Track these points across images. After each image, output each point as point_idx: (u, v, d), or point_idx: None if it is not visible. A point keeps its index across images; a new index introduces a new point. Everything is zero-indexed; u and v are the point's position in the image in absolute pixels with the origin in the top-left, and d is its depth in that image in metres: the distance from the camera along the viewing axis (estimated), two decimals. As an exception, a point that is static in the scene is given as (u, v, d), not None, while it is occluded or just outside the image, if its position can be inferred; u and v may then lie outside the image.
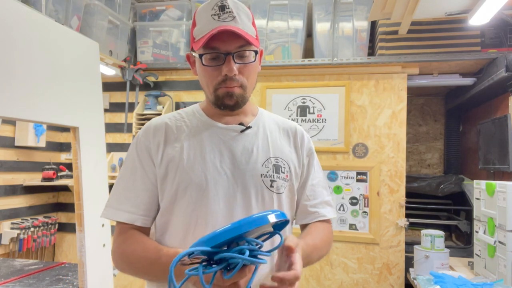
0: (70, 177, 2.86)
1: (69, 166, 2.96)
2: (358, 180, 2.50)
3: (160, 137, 0.96)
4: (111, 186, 0.99)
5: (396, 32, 2.41)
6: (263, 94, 2.66)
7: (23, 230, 2.61)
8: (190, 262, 0.70)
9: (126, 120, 2.83)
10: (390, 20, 2.28)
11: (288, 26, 2.58)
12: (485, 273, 1.91)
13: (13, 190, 2.66)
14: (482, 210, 1.96)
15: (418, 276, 1.94)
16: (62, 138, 3.15)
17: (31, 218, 2.73)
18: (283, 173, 0.98)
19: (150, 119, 1.03)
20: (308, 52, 2.77)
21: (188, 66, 1.04)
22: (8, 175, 2.63)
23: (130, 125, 2.83)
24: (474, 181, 2.07)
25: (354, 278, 2.47)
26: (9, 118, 1.88)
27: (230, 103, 0.93)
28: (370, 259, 2.45)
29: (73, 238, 2.99)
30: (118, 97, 2.96)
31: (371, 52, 2.67)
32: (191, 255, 0.66)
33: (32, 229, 2.68)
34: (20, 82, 1.50)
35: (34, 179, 2.80)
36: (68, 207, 3.07)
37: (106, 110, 2.78)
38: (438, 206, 2.81)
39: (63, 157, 3.12)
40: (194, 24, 0.95)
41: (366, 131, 2.51)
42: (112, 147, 2.90)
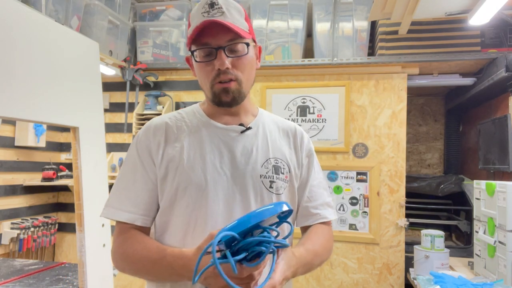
0: (70, 177, 2.86)
1: (69, 166, 2.96)
2: (358, 180, 2.50)
3: (160, 136, 0.96)
4: (111, 186, 0.98)
5: (396, 32, 2.41)
6: (263, 94, 2.66)
7: (23, 230, 2.61)
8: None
9: (126, 120, 2.83)
10: (390, 20, 2.28)
11: (288, 26, 2.58)
12: (485, 273, 1.91)
13: (13, 190, 2.66)
14: (482, 210, 1.96)
15: (418, 276, 1.94)
16: (62, 138, 3.15)
17: (31, 218, 2.73)
18: (283, 174, 0.98)
19: (150, 119, 1.03)
20: (308, 52, 2.77)
21: (188, 66, 1.05)
22: (8, 175, 2.63)
23: (130, 125, 2.83)
24: (474, 181, 2.07)
25: (354, 278, 2.47)
26: (9, 118, 1.88)
27: (227, 100, 0.93)
28: (370, 259, 2.45)
29: (73, 238, 2.99)
30: (118, 97, 2.96)
31: (371, 52, 2.67)
32: (219, 243, 0.66)
33: (32, 229, 2.67)
34: (20, 82, 1.50)
35: (34, 179, 2.80)
36: (68, 207, 3.07)
37: (106, 110, 2.78)
38: (438, 206, 2.81)
39: (63, 157, 3.12)
40: (189, 25, 0.96)
41: (366, 131, 2.51)
42: (112, 147, 2.90)
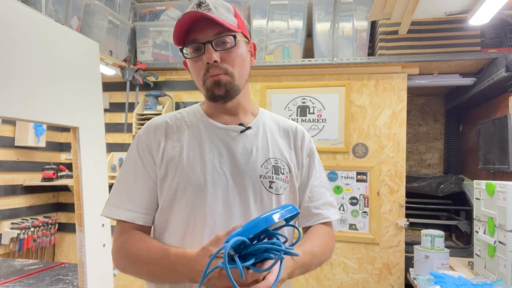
0: (70, 177, 2.85)
1: (69, 166, 2.96)
2: (358, 180, 2.50)
3: (160, 136, 0.96)
4: (111, 186, 0.98)
5: (396, 32, 2.41)
6: (263, 94, 2.66)
7: (23, 230, 2.61)
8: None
9: (126, 120, 2.83)
10: (390, 20, 2.28)
11: (288, 26, 2.58)
12: (485, 273, 1.90)
13: (13, 190, 2.66)
14: (482, 210, 1.96)
15: (418, 276, 1.94)
16: (62, 138, 3.15)
17: (31, 218, 2.73)
18: (283, 174, 0.98)
19: (150, 119, 1.03)
20: (308, 52, 2.77)
21: (186, 67, 1.05)
22: (8, 175, 2.62)
23: (130, 125, 2.83)
24: (474, 181, 2.07)
25: (354, 278, 2.47)
26: (9, 118, 1.88)
27: (220, 93, 0.92)
28: (370, 259, 2.45)
29: (73, 238, 2.99)
30: (118, 97, 2.96)
31: (371, 52, 2.67)
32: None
33: (32, 229, 2.67)
34: (20, 82, 1.50)
35: (34, 179, 2.80)
36: (68, 207, 3.07)
37: (106, 110, 2.78)
38: (438, 206, 2.81)
39: (63, 157, 3.12)
40: None
41: (366, 131, 2.50)
42: (112, 147, 2.90)
